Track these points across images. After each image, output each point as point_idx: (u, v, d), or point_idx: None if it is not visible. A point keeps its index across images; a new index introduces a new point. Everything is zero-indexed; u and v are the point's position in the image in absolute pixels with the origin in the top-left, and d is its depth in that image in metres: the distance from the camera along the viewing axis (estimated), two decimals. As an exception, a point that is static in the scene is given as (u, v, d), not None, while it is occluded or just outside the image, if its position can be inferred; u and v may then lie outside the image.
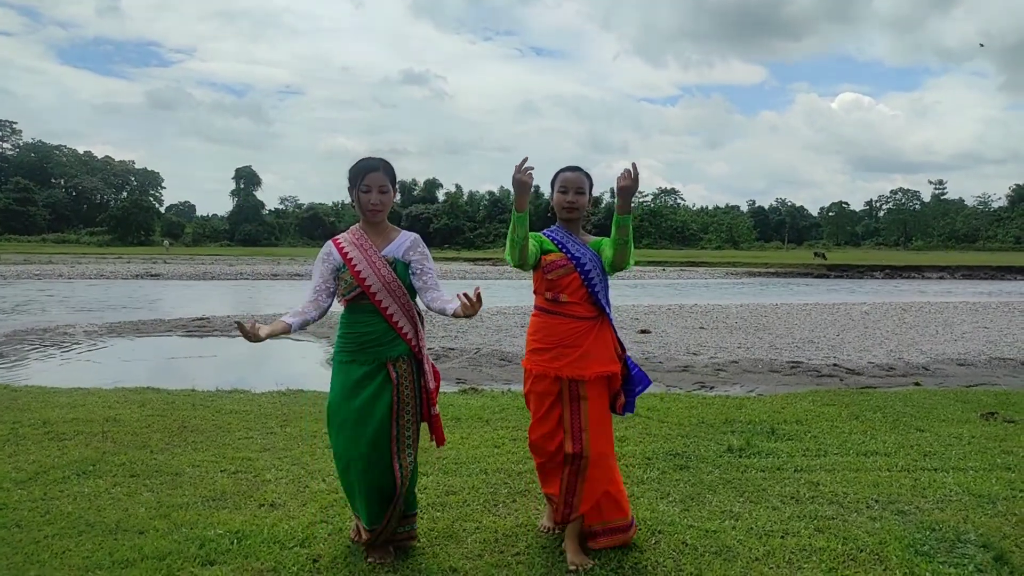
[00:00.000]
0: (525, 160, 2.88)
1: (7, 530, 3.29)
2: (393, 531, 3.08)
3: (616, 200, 2.96)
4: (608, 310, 3.20)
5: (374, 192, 3.01)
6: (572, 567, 3.01)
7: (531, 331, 3.25)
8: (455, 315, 2.81)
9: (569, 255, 3.15)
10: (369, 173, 3.00)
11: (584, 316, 3.14)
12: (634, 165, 2.91)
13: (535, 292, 3.26)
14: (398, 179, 3.15)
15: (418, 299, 3.10)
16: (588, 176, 3.26)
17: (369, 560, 3.03)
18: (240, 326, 2.72)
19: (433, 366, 3.15)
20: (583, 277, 3.14)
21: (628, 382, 3.25)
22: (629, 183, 2.90)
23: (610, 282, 3.30)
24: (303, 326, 2.93)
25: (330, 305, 3.06)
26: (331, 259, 3.04)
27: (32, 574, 2.88)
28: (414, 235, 3.14)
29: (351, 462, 2.97)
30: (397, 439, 2.99)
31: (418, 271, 3.05)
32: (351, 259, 2.98)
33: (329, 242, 3.10)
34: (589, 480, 3.09)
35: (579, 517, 3.13)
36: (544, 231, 3.30)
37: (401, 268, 3.02)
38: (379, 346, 2.98)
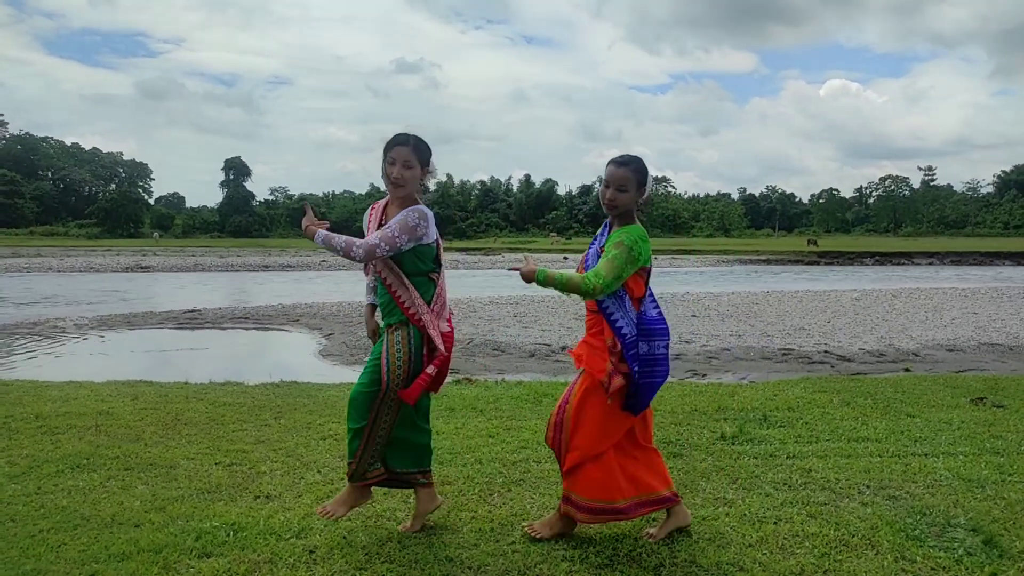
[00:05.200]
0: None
1: (2, 525, 3.28)
2: (365, 471, 3.15)
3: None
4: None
5: (398, 165, 3.10)
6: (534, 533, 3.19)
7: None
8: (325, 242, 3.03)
9: None
10: (396, 146, 3.11)
11: None
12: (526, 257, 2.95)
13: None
14: None
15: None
16: (636, 171, 3.04)
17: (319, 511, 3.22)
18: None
19: (443, 334, 3.16)
20: None
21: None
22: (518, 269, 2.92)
23: None
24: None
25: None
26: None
27: (28, 568, 2.88)
28: (418, 206, 3.10)
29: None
30: (383, 399, 3.07)
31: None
32: (364, 229, 3.23)
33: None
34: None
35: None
36: (600, 231, 3.18)
37: None
38: (386, 314, 3.21)
